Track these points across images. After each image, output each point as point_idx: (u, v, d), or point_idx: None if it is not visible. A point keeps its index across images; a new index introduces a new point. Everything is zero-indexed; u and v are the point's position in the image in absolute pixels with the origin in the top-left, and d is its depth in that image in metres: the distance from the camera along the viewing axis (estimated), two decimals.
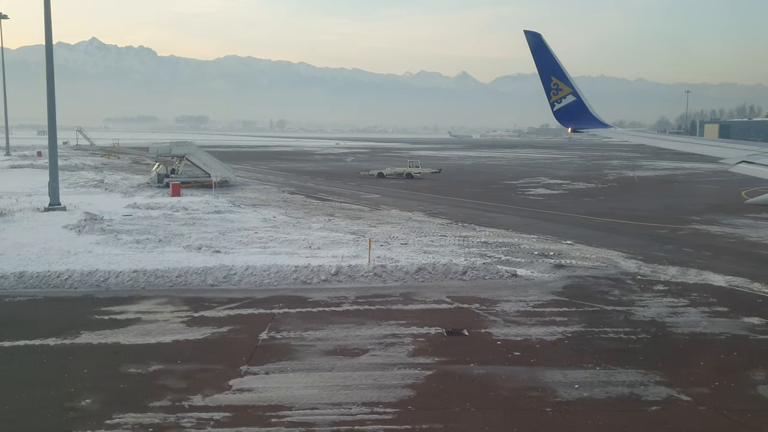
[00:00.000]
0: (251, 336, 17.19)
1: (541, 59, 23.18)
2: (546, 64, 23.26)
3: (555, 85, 23.50)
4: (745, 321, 19.26)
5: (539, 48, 23.14)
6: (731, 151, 19.66)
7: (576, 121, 24.08)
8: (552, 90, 23.61)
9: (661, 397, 13.67)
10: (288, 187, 62.89)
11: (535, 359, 15.80)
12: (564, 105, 23.59)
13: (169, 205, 43.74)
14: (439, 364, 15.35)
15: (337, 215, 41.83)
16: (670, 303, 21.26)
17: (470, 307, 20.52)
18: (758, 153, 18.50)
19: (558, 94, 23.57)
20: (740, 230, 37.14)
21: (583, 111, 23.96)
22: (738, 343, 17.34)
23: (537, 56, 23.17)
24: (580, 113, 23.89)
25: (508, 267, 26.20)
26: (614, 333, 17.97)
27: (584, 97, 23.96)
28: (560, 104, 23.66)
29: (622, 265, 27.23)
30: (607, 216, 42.91)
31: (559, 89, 23.50)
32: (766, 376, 14.88)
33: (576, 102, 23.67)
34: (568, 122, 24.16)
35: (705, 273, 25.83)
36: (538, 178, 76.52)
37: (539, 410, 12.95)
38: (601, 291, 22.91)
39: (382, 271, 24.27)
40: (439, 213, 43.68)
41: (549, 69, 23.36)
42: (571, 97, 23.59)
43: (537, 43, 23.13)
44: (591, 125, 24.43)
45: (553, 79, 23.43)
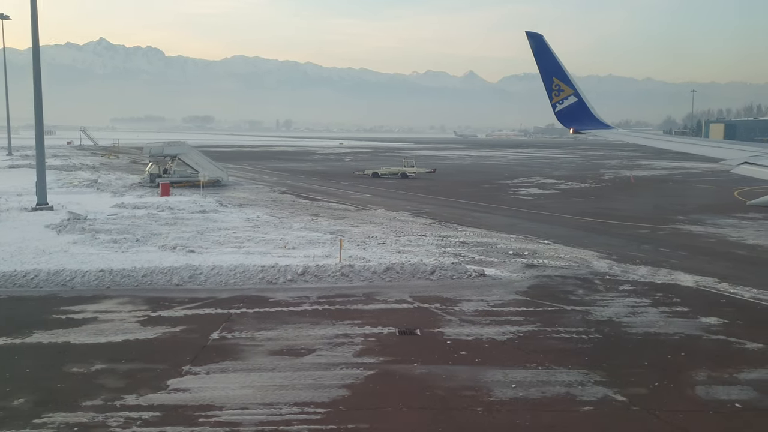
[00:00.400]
0: (202, 336, 17.25)
1: (542, 60, 23.19)
2: (548, 65, 23.25)
3: (557, 86, 23.50)
4: (702, 321, 19.21)
5: (541, 49, 23.15)
6: (733, 152, 19.62)
7: (578, 122, 24.08)
8: (554, 91, 23.62)
9: (596, 397, 13.65)
10: (280, 186, 63.00)
11: (480, 359, 15.80)
12: (566, 106, 23.60)
13: (156, 205, 43.89)
14: (382, 364, 15.37)
15: (321, 215, 41.88)
16: (631, 303, 21.22)
17: (430, 306, 20.52)
18: (760, 154, 18.47)
19: (560, 95, 23.57)
20: (723, 230, 37.01)
21: (584, 112, 23.96)
22: (689, 343, 17.30)
23: (539, 57, 23.18)
24: (581, 114, 23.89)
25: (478, 267, 26.18)
26: (567, 333, 17.95)
27: (586, 98, 23.96)
28: (562, 105, 23.66)
29: (593, 265, 27.18)
30: (593, 216, 42.82)
31: (560, 90, 23.50)
32: (708, 376, 14.83)
33: (578, 103, 23.66)
34: (569, 123, 24.18)
35: (675, 273, 25.75)
36: (533, 177, 76.38)
37: (470, 410, 12.96)
38: (566, 291, 22.88)
39: (349, 271, 24.29)
40: (425, 213, 43.68)
41: (551, 70, 23.35)
42: (573, 98, 23.59)
43: (539, 45, 23.14)
44: (593, 126, 24.43)
45: (555, 80, 23.44)
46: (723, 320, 19.34)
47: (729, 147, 22.04)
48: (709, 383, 14.44)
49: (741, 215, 43.10)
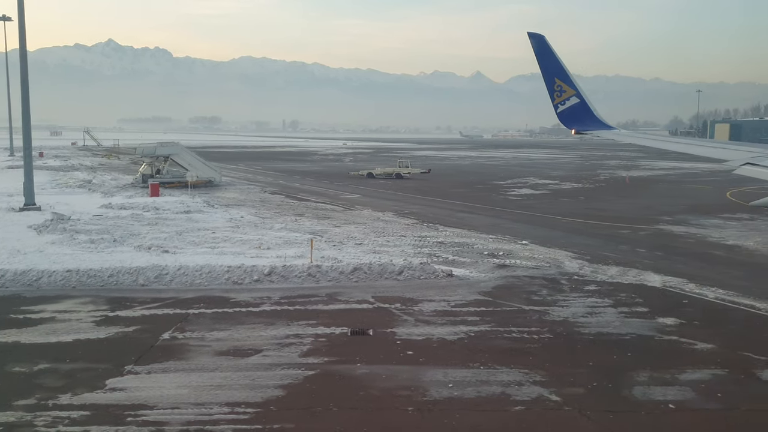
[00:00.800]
0: (153, 336, 17.32)
1: (544, 61, 23.13)
2: (549, 65, 23.20)
3: (558, 86, 23.46)
4: (659, 322, 19.17)
5: (543, 50, 23.10)
6: (735, 152, 19.57)
7: (580, 122, 24.04)
8: (556, 92, 23.58)
9: (530, 397, 13.65)
10: (273, 187, 63.13)
11: (425, 359, 15.82)
12: (568, 107, 23.56)
13: (142, 206, 43.97)
14: (325, 364, 15.40)
15: (306, 215, 41.95)
16: (592, 303, 21.20)
17: (390, 307, 20.54)
18: (763, 155, 18.41)
19: (562, 95, 23.53)
20: (705, 230, 36.88)
21: (586, 113, 23.91)
22: (638, 344, 17.27)
23: (540, 58, 23.14)
24: (583, 115, 23.84)
25: (447, 267, 26.19)
26: (519, 333, 17.95)
27: (588, 98, 23.93)
28: (564, 106, 23.62)
29: (565, 265, 27.15)
30: (578, 216, 42.73)
31: (562, 91, 23.46)
32: (649, 377, 14.80)
33: (580, 104, 23.62)
34: (571, 124, 24.14)
35: (645, 273, 25.70)
36: (528, 178, 76.30)
37: (401, 409, 12.99)
38: (530, 291, 22.87)
39: (316, 272, 24.33)
40: (410, 213, 43.68)
41: (552, 71, 23.30)
42: (575, 99, 23.55)
43: (540, 45, 23.09)
44: (594, 127, 24.39)
45: (557, 80, 23.39)
46: (680, 321, 19.30)
47: (731, 148, 21.98)
48: (648, 384, 14.42)
49: (728, 216, 42.97)
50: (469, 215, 43.39)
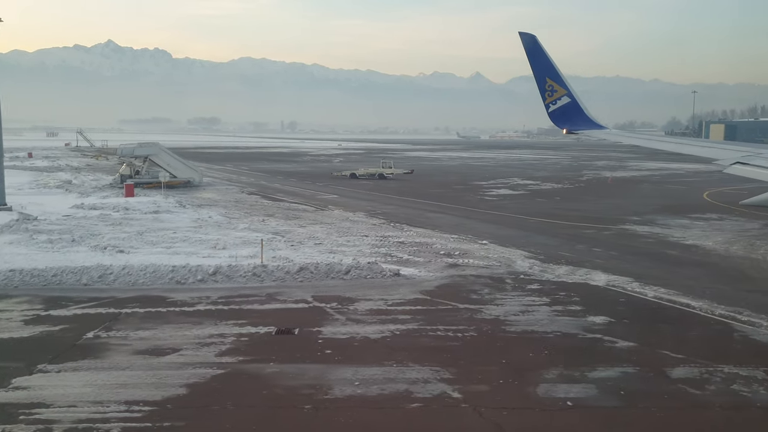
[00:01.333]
0: (76, 335, 17.37)
1: (536, 61, 23.12)
2: (541, 65, 23.19)
3: (550, 86, 23.45)
4: (588, 320, 19.23)
5: (534, 49, 23.08)
6: (725, 152, 19.61)
7: (571, 122, 24.03)
8: (547, 91, 23.56)
9: (432, 394, 13.71)
10: (253, 187, 63.18)
11: (341, 357, 15.87)
12: (559, 106, 23.55)
13: (113, 206, 44.06)
14: (238, 364, 15.46)
15: (276, 216, 42.00)
16: (527, 302, 21.25)
17: (326, 306, 20.58)
18: (752, 154, 18.46)
19: (553, 95, 23.52)
20: (669, 230, 36.90)
21: (578, 112, 23.90)
22: (560, 342, 17.32)
23: (532, 58, 23.13)
24: (575, 115, 23.83)
25: (396, 266, 26.29)
26: (444, 331, 18.01)
27: (579, 98, 23.92)
28: (555, 105, 23.61)
29: (516, 265, 27.19)
30: (547, 216, 42.73)
31: (554, 91, 23.44)
32: (558, 375, 14.86)
33: (571, 103, 23.61)
34: (563, 123, 24.13)
35: (593, 273, 25.75)
36: (511, 178, 76.32)
37: (298, 408, 13.05)
38: (471, 290, 22.92)
39: (261, 272, 24.38)
40: (381, 213, 43.73)
41: (544, 70, 23.29)
42: (566, 99, 23.53)
43: (532, 45, 23.08)
44: (586, 126, 24.38)
45: (548, 80, 23.39)
46: (610, 319, 19.35)
47: (721, 147, 22.02)
48: (554, 381, 14.48)
49: (697, 216, 43.03)
50: (439, 215, 43.43)
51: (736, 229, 37.35)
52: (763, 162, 17.75)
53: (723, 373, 14.97)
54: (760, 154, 18.49)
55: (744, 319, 19.43)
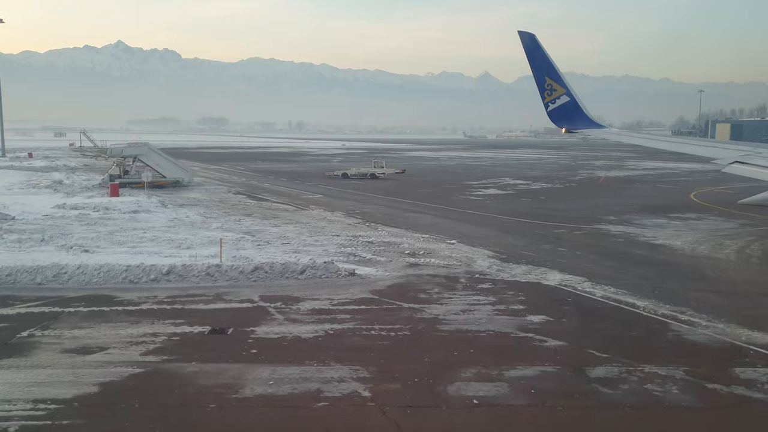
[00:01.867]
0: (11, 334, 17.52)
1: (535, 59, 23.06)
2: (540, 64, 23.14)
3: (549, 85, 23.42)
4: (526, 319, 19.26)
5: (533, 48, 23.03)
6: (724, 151, 19.63)
7: (570, 121, 23.98)
8: (546, 90, 23.51)
9: (342, 393, 13.78)
10: (242, 187, 63.38)
11: (265, 357, 15.96)
12: (558, 105, 23.52)
13: (94, 206, 44.25)
14: (160, 363, 15.56)
15: (254, 215, 42.14)
16: (473, 301, 21.29)
17: (269, 306, 20.66)
18: (751, 153, 18.47)
19: (552, 94, 23.49)
20: (642, 230, 36.78)
21: (577, 112, 23.86)
22: (490, 340, 17.37)
23: (531, 57, 23.07)
24: (574, 114, 23.78)
25: (354, 266, 26.42)
26: (378, 330, 18.08)
27: (578, 97, 23.88)
28: (554, 105, 23.59)
29: (475, 264, 27.20)
30: (525, 216, 42.65)
31: (553, 90, 23.42)
32: (476, 373, 14.89)
33: (570, 102, 23.57)
34: (562, 123, 24.09)
35: (550, 272, 25.74)
36: (503, 178, 76.24)
37: (202, 407, 13.13)
38: (422, 289, 22.96)
39: (215, 272, 24.47)
40: (360, 213, 43.82)
41: (543, 69, 23.25)
42: (565, 98, 23.50)
43: (531, 44, 23.02)
44: (585, 125, 24.33)
45: (547, 79, 23.36)
46: (548, 318, 19.36)
47: (721, 146, 22.02)
48: (469, 380, 14.51)
49: (677, 215, 42.89)
50: (418, 215, 43.45)
51: (710, 229, 37.19)
52: (761, 161, 17.75)
53: (642, 373, 14.97)
54: (759, 154, 18.49)
55: (684, 319, 19.41)
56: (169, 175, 62.94)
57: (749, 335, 17.84)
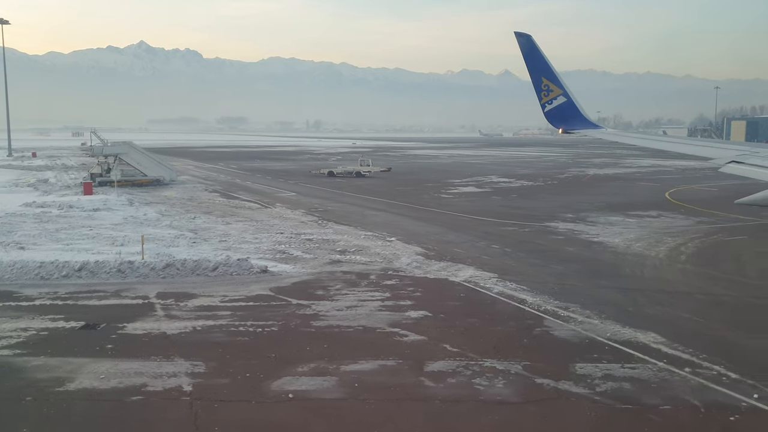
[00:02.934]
0: None
1: (532, 60, 23.16)
2: (537, 65, 23.22)
3: (546, 86, 23.50)
4: (404, 315, 19.34)
5: (530, 49, 23.13)
6: (721, 151, 19.62)
7: (567, 122, 24.05)
8: (543, 91, 23.61)
9: (164, 387, 13.95)
10: (221, 185, 63.85)
11: (116, 352, 16.14)
12: (555, 106, 23.59)
13: (59, 204, 45.00)
14: (9, 357, 15.81)
15: (213, 213, 42.50)
16: (366, 297, 21.40)
17: (159, 302, 20.86)
18: (748, 153, 18.47)
19: (549, 95, 23.57)
20: (591, 227, 36.64)
21: (573, 112, 23.90)
22: (350, 336, 17.46)
23: (528, 58, 23.18)
24: (570, 114, 23.83)
25: (274, 263, 26.63)
26: (248, 327, 18.20)
27: (575, 98, 23.97)
28: (551, 105, 23.66)
29: (397, 262, 27.25)
30: (483, 214, 42.54)
31: (549, 90, 23.48)
32: (312, 368, 14.99)
33: (567, 103, 23.63)
34: (559, 123, 24.16)
35: (465, 269, 25.79)
36: (488, 176, 76.05)
37: (18, 400, 13.36)
38: (324, 286, 23.05)
39: (127, 268, 24.74)
40: (321, 211, 44.03)
41: (540, 70, 23.32)
42: (562, 99, 23.57)
43: (528, 45, 23.13)
44: (581, 126, 24.39)
45: (544, 80, 23.43)
46: (427, 314, 19.41)
47: (718, 146, 22.01)
48: (300, 375, 14.64)
49: (638, 213, 42.77)
50: (378, 212, 43.57)
51: (661, 226, 36.98)
52: (758, 161, 17.67)
53: (479, 367, 14.99)
54: (756, 153, 18.41)
55: (563, 315, 19.36)
56: (150, 174, 63.54)
57: (617, 331, 17.76)
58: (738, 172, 17.19)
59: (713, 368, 15.12)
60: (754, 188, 18.29)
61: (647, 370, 15.01)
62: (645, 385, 14.19)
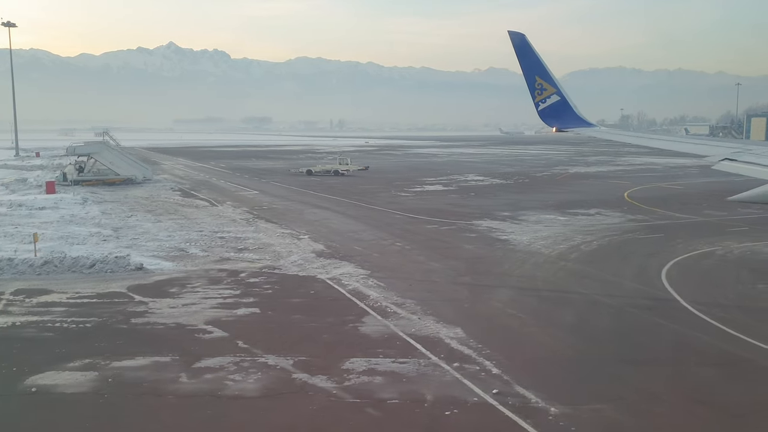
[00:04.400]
0: None
1: (525, 59, 23.39)
2: (530, 64, 23.45)
3: (539, 85, 23.72)
4: (230, 312, 19.74)
5: (523, 48, 23.39)
6: (715, 149, 19.84)
7: (560, 120, 24.27)
8: (536, 90, 23.84)
9: None
10: (191, 183, 64.71)
11: None
12: (548, 105, 23.81)
13: (11, 202, 45.99)
14: None
15: (155, 212, 43.08)
16: (215, 295, 21.93)
17: (9, 298, 21.44)
18: (741, 150, 18.66)
19: (542, 93, 23.80)
20: (514, 226, 36.64)
21: (567, 110, 24.10)
22: (157, 333, 17.81)
23: (521, 56, 23.41)
24: (564, 113, 24.04)
25: (159, 260, 27.03)
26: (63, 323, 18.65)
27: (568, 96, 24.18)
28: (545, 104, 23.89)
29: (285, 260, 27.65)
30: (422, 213, 42.52)
31: (543, 89, 23.70)
32: (82, 365, 15.27)
33: (560, 102, 23.84)
34: (552, 122, 24.39)
35: (345, 266, 26.23)
36: (466, 174, 75.88)
37: None
38: (186, 285, 23.45)
39: (6, 265, 25.27)
40: (264, 209, 44.68)
41: (533, 69, 23.54)
42: (556, 97, 23.79)
43: (521, 44, 23.39)
44: (575, 124, 24.59)
45: (538, 79, 23.65)
46: (255, 311, 19.74)
47: (711, 144, 22.10)
48: (64, 370, 15.01)
49: (577, 210, 42.74)
50: (318, 210, 43.98)
51: (585, 224, 37.03)
52: (751, 158, 17.76)
53: (249, 363, 15.21)
54: (749, 150, 18.50)
55: (391, 311, 19.64)
56: (122, 173, 64.48)
57: (425, 327, 17.99)
58: (731, 170, 17.15)
59: (484, 364, 15.15)
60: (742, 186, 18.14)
61: (414, 365, 15.11)
62: (395, 379, 14.29)
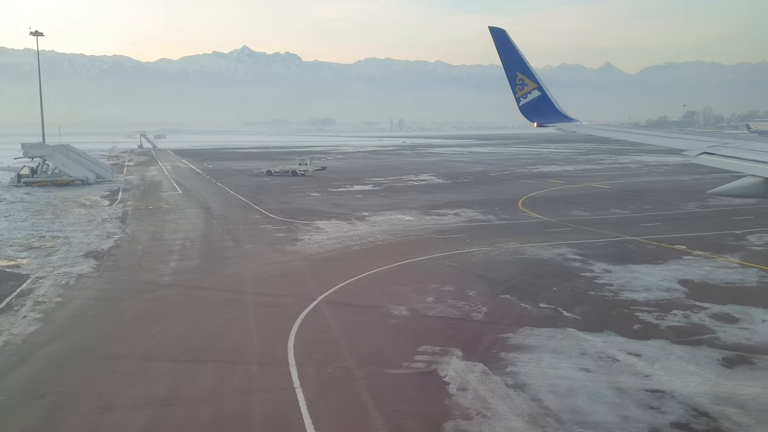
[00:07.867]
0: None
1: (505, 55, 24.09)
2: (511, 59, 24.21)
3: (520, 80, 24.51)
4: None
5: (504, 44, 24.30)
6: (694, 143, 20.34)
7: (541, 115, 25.10)
8: (517, 85, 24.64)
9: None
10: (136, 186, 68.05)
11: None
12: (529, 100, 24.51)
13: None
14: None
15: (45, 213, 45.70)
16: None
17: None
18: (719, 144, 19.30)
19: (524, 89, 24.54)
20: (343, 225, 38.04)
21: (548, 106, 24.87)
22: None
23: (502, 52, 24.07)
24: (545, 108, 24.82)
25: None
26: None
27: (549, 91, 25.19)
28: (526, 99, 24.65)
29: (45, 260, 29.26)
30: (289, 214, 44.03)
31: (524, 84, 24.44)
32: None
33: (541, 97, 24.68)
34: (533, 117, 25.21)
35: (78, 262, 28.30)
36: (421, 175, 76.96)
37: None
38: None
39: None
40: (150, 209, 46.84)
41: (514, 64, 24.24)
42: (536, 93, 24.59)
43: (501, 40, 24.34)
44: (556, 119, 25.35)
45: (519, 74, 24.48)
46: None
47: (690, 138, 22.42)
48: None
49: (441, 212, 43.30)
50: (195, 210, 45.80)
51: (415, 225, 37.71)
52: (728, 151, 18.13)
53: None
54: (726, 144, 18.80)
55: None
56: (74, 174, 67.99)
57: None
58: (709, 163, 17.20)
59: None
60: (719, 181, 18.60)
61: None
62: None
